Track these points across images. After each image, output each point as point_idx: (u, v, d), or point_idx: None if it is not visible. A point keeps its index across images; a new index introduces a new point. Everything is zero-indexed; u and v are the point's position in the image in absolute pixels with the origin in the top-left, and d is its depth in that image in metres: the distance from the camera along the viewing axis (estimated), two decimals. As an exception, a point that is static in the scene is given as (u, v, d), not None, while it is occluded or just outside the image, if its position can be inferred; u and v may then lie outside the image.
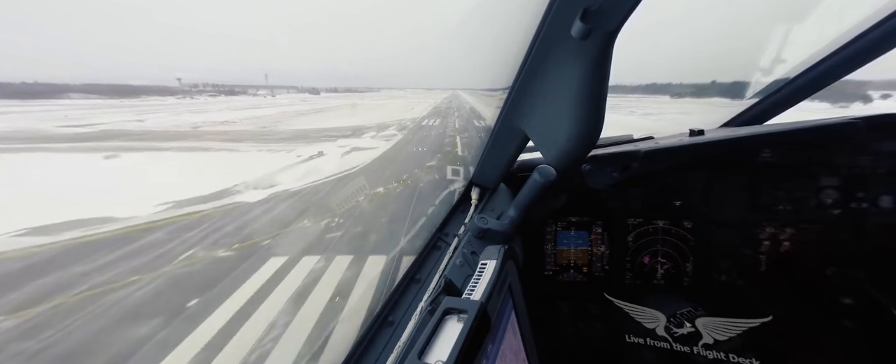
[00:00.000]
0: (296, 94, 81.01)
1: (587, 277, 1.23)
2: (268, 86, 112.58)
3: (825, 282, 1.14)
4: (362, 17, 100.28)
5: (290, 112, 25.57)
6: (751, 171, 1.15)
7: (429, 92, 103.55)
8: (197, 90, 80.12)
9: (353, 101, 44.56)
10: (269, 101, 42.67)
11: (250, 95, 62.71)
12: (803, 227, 1.14)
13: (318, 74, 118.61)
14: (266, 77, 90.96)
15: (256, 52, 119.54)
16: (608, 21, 0.54)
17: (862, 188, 1.11)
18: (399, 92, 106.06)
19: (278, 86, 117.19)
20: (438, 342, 0.44)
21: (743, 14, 1.56)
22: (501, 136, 0.94)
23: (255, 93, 73.06)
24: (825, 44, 1.19)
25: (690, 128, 1.27)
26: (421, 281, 0.81)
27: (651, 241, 1.20)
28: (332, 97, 66.33)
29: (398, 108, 29.42)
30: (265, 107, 31.69)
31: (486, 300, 0.49)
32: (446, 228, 0.99)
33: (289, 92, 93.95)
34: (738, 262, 1.16)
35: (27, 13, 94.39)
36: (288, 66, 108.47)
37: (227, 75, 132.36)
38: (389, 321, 0.71)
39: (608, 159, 1.06)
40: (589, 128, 0.69)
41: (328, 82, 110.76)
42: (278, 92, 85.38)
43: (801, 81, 1.28)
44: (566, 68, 0.65)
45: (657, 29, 11.67)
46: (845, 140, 1.10)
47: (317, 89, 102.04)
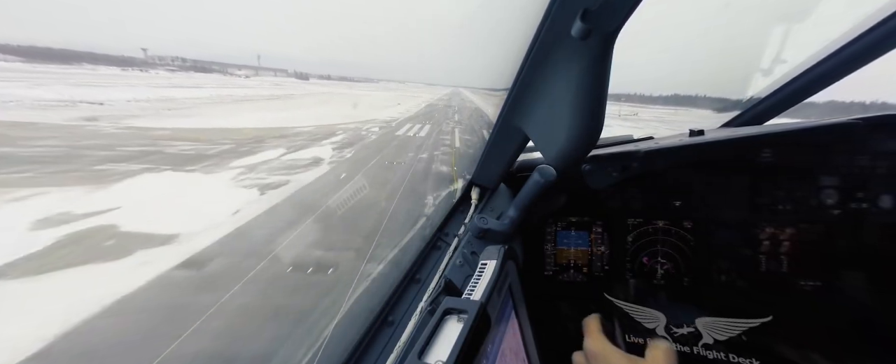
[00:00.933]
0: (276, 78, 77.45)
1: (587, 277, 1.23)
2: (255, 66, 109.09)
3: (825, 282, 1.14)
4: (369, 9, 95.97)
5: (229, 97, 19.89)
6: (751, 171, 1.15)
7: (429, 87, 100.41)
8: (162, 63, 76.48)
9: (336, 90, 40.10)
10: (223, 81, 37.98)
11: (225, 74, 59.98)
12: (803, 227, 1.14)
13: (318, 62, 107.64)
14: (258, 58, 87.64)
15: (256, 33, 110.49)
16: (608, 21, 0.54)
17: (862, 188, 1.11)
18: (398, 85, 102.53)
19: (268, 68, 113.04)
20: (438, 342, 0.44)
21: (743, 15, 1.56)
22: (501, 135, 0.94)
23: (234, 72, 70.01)
24: (825, 44, 1.19)
25: (690, 128, 1.27)
26: (421, 281, 0.81)
27: (651, 241, 1.20)
28: (317, 84, 58.41)
29: (381, 104, 24.35)
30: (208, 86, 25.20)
31: (486, 300, 0.49)
32: (446, 228, 0.99)
33: (277, 75, 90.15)
34: (738, 262, 1.16)
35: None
36: (290, 51, 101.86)
37: (210, 51, 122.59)
38: (389, 321, 0.71)
39: (608, 159, 1.06)
40: (589, 128, 0.69)
41: (329, 70, 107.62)
42: (266, 74, 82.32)
43: (801, 82, 1.28)
44: (566, 68, 0.65)
45: (657, 29, 11.54)
46: (845, 140, 1.10)
47: (306, 74, 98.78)
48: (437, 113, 22.28)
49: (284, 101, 22.95)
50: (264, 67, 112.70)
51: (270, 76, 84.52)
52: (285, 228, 4.31)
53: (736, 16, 2.43)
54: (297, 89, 36.73)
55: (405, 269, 0.84)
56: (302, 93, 32.73)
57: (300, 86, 49.09)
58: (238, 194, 5.07)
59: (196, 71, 65.65)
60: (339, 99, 26.58)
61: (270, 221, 4.55)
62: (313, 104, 20.10)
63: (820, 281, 1.14)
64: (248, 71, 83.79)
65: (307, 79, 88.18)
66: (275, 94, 25.79)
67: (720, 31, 11.66)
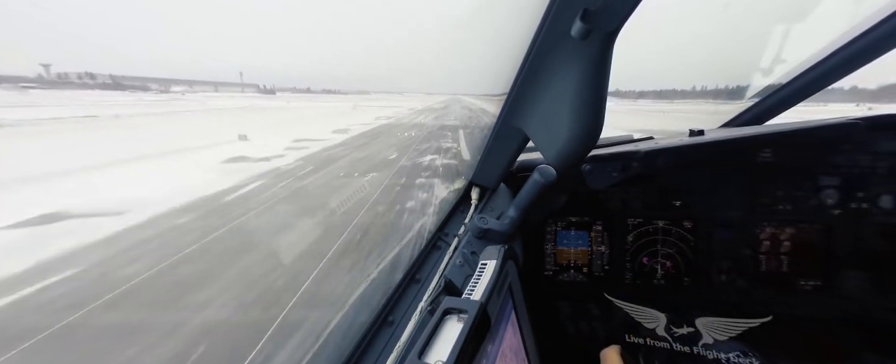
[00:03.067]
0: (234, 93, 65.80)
1: (587, 277, 1.23)
2: (212, 82, 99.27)
3: (825, 282, 1.14)
4: (361, 16, 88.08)
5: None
6: (751, 171, 1.15)
7: (428, 96, 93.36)
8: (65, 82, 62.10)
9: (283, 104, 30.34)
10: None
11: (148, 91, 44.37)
12: (803, 227, 1.14)
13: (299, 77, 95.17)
14: (241, 75, 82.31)
15: (236, 48, 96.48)
16: (608, 21, 0.54)
17: (862, 188, 1.11)
18: (387, 96, 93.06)
19: (236, 83, 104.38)
20: (438, 342, 0.44)
21: (743, 15, 1.56)
22: (501, 135, 0.94)
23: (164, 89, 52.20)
24: (825, 44, 1.19)
25: (690, 128, 1.27)
26: (421, 281, 0.81)
27: (651, 241, 1.20)
28: (272, 99, 45.76)
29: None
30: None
31: (486, 300, 0.49)
32: (446, 228, 0.99)
33: (244, 91, 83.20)
34: (738, 262, 1.16)
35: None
36: (275, 64, 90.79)
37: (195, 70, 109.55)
38: (389, 321, 0.71)
39: (608, 159, 1.06)
40: (589, 128, 0.69)
41: (320, 83, 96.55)
42: (226, 89, 73.63)
43: (801, 82, 1.28)
44: (566, 68, 0.65)
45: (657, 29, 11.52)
46: (845, 140, 1.10)
47: (273, 89, 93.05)
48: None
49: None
50: (209, 82, 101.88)
51: (237, 91, 78.40)
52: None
53: (736, 16, 2.45)
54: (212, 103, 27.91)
55: (405, 269, 0.84)
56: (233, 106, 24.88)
57: (226, 100, 37.10)
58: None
59: (104, 89, 56.30)
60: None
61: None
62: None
63: (820, 281, 1.14)
64: (183, 87, 72.97)
65: (274, 93, 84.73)
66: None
67: (720, 31, 11.72)
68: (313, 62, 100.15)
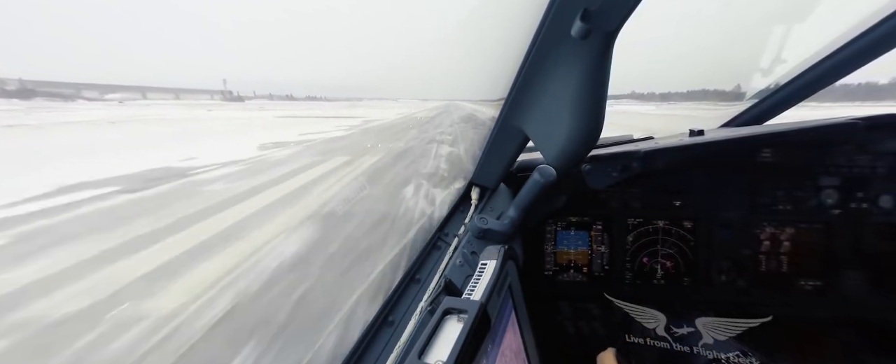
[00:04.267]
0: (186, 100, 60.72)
1: (587, 277, 1.23)
2: (173, 89, 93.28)
3: (825, 282, 1.14)
4: (350, 16, 63.20)
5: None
6: (751, 171, 1.15)
7: (422, 102, 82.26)
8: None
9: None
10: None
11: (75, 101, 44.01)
12: (803, 228, 1.14)
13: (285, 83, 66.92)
14: (224, 82, 69.36)
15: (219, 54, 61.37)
16: (608, 21, 0.54)
17: (862, 188, 1.11)
18: (378, 102, 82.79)
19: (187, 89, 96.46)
20: (438, 342, 0.43)
21: (743, 15, 1.56)
22: (501, 136, 0.94)
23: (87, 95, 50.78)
24: (825, 44, 1.19)
25: (690, 128, 1.27)
26: (421, 281, 0.81)
27: (651, 241, 1.20)
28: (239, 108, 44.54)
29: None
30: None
31: (486, 300, 0.49)
32: (446, 228, 0.99)
33: (204, 97, 77.85)
34: (738, 262, 1.16)
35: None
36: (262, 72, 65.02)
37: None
38: (389, 321, 0.71)
39: (608, 159, 1.06)
40: (589, 128, 0.69)
41: (310, 91, 75.63)
42: (187, 96, 69.04)
43: (800, 82, 1.28)
44: (566, 68, 0.65)
45: (657, 29, 11.67)
46: (845, 140, 1.10)
47: (241, 96, 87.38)
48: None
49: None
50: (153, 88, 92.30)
51: (191, 99, 71.22)
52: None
53: (736, 15, 2.46)
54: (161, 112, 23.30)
55: (405, 269, 0.84)
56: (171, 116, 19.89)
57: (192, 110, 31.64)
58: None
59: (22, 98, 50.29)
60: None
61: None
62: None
63: (820, 281, 1.14)
64: (129, 93, 66.16)
65: (242, 100, 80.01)
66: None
67: (720, 31, 11.68)
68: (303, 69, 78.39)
